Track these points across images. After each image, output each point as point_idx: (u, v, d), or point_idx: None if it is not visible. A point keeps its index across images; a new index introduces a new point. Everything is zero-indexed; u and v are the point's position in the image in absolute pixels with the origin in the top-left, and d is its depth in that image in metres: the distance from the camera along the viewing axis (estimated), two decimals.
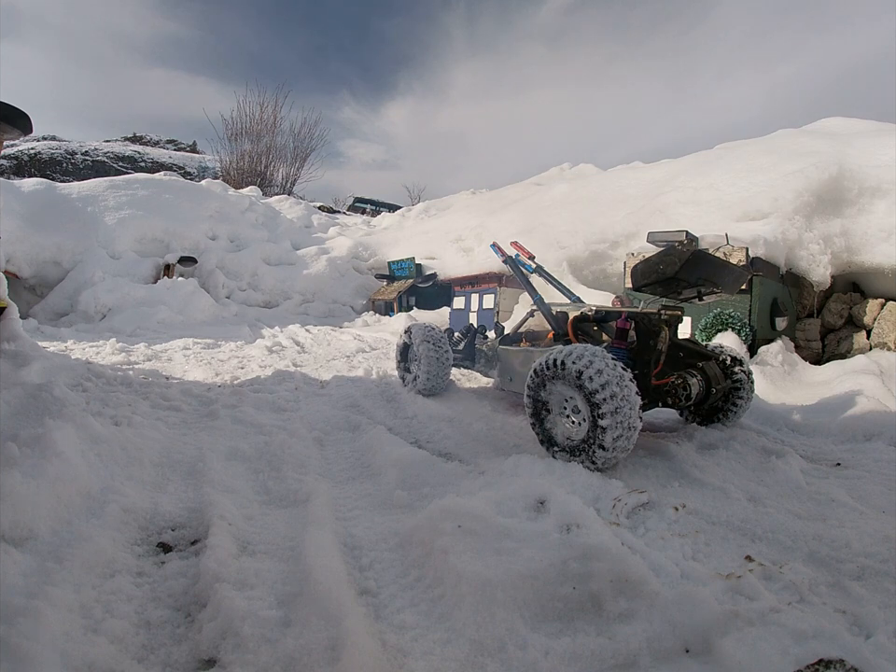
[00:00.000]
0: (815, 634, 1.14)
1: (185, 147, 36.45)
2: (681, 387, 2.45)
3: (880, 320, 5.14)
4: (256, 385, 3.96)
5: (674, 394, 2.45)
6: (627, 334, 2.55)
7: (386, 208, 22.01)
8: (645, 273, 2.44)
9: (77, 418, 2.23)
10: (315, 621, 1.18)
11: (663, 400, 2.50)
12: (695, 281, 2.44)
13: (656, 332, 2.51)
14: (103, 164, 30.02)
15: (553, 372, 2.29)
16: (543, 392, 2.38)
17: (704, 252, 2.36)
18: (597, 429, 2.11)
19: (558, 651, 1.17)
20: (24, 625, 1.07)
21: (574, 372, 2.17)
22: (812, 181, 5.52)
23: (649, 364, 2.49)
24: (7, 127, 3.12)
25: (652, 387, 2.47)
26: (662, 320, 2.54)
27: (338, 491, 2.14)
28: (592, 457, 2.15)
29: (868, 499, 2.07)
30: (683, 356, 2.71)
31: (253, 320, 8.55)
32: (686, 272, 2.29)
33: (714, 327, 4.82)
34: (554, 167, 15.12)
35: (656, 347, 2.50)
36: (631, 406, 2.09)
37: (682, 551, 1.61)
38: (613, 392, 2.07)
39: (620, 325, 2.54)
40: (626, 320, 2.54)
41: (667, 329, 2.55)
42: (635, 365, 2.51)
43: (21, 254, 8.04)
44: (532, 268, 3.83)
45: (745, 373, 2.82)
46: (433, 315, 9.02)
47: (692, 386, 2.48)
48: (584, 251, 7.12)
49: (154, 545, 1.62)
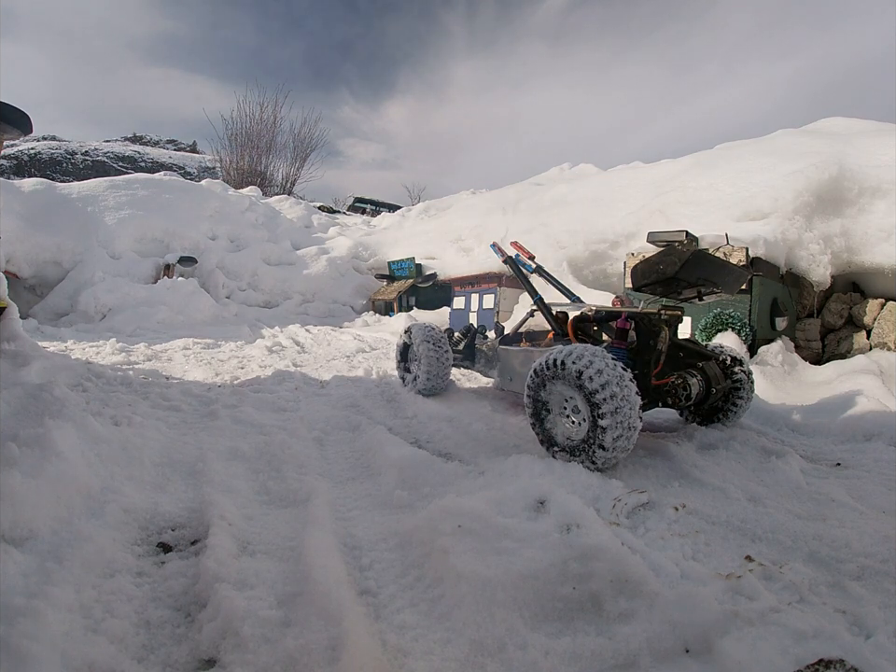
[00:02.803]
0: (815, 634, 1.14)
1: (185, 147, 36.48)
2: (681, 387, 2.46)
3: (880, 320, 5.14)
4: (256, 385, 3.96)
5: (674, 394, 2.45)
6: (627, 334, 2.54)
7: (386, 208, 21.98)
8: (645, 272, 2.44)
9: (76, 418, 2.23)
10: (314, 621, 1.18)
11: (663, 400, 2.50)
12: (695, 281, 2.44)
13: (656, 332, 2.51)
14: (103, 164, 30.01)
15: (552, 372, 2.29)
16: (543, 392, 2.38)
17: (704, 252, 2.36)
18: (597, 429, 2.11)
19: (558, 650, 1.17)
20: (24, 625, 1.07)
21: (574, 372, 2.17)
22: (812, 181, 5.52)
23: (649, 364, 2.49)
24: (7, 127, 3.11)
25: (652, 387, 2.47)
26: (662, 320, 2.54)
27: (338, 491, 2.14)
28: (592, 457, 2.16)
29: (868, 499, 2.07)
30: (683, 356, 2.71)
31: (253, 320, 8.54)
32: (686, 272, 2.29)
33: (714, 327, 4.82)
34: (554, 167, 15.10)
35: (656, 347, 2.50)
36: (631, 406, 2.09)
37: (682, 551, 1.61)
38: (613, 392, 2.07)
39: (620, 325, 2.54)
40: (626, 320, 2.54)
41: (667, 329, 2.55)
42: (635, 365, 2.50)
43: (21, 254, 8.03)
44: (532, 268, 3.83)
45: (745, 373, 2.82)
46: (433, 315, 9.01)
47: (692, 386, 2.48)
48: (584, 251, 7.12)
49: (154, 545, 1.62)
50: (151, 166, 28.81)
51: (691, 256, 2.25)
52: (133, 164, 29.93)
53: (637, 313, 2.58)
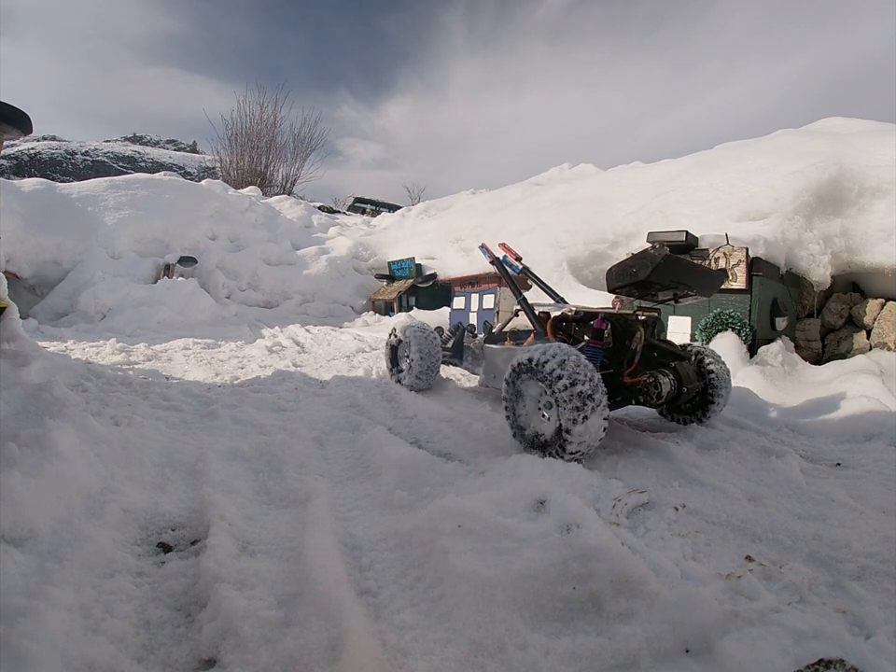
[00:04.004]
0: (815, 634, 1.14)
1: (185, 147, 36.48)
2: (653, 386, 2.54)
3: (880, 320, 5.14)
4: (256, 385, 3.96)
5: (646, 392, 2.53)
6: (603, 334, 2.63)
7: (386, 208, 21.98)
8: (619, 275, 2.52)
9: (76, 418, 2.22)
10: (314, 621, 1.18)
11: (635, 398, 2.58)
12: (668, 284, 2.52)
13: (631, 333, 2.62)
14: (103, 164, 30.01)
15: (527, 369, 2.38)
16: (519, 387, 2.47)
17: (676, 257, 2.47)
18: (565, 425, 2.19)
19: (558, 650, 1.17)
20: (24, 625, 1.07)
21: (546, 370, 2.26)
22: (812, 181, 5.52)
23: (623, 363, 2.58)
24: (6, 127, 3.11)
25: (626, 385, 2.57)
26: (639, 321, 2.62)
27: (338, 491, 2.14)
28: (560, 451, 2.24)
29: (868, 499, 2.07)
30: (658, 355, 2.79)
31: (253, 320, 8.54)
32: (658, 275, 2.37)
33: (714, 327, 4.82)
34: (554, 167, 15.11)
35: (630, 347, 2.59)
36: (597, 404, 2.17)
37: (682, 551, 1.61)
38: (581, 391, 2.16)
39: (596, 325, 2.62)
40: (603, 321, 2.61)
41: (643, 329, 2.64)
42: (611, 364, 2.60)
43: (21, 254, 8.03)
44: (519, 269, 3.89)
45: (721, 371, 2.89)
46: (433, 315, 9.01)
47: (663, 385, 2.57)
48: (584, 251, 7.12)
49: (154, 545, 1.62)
50: (151, 166, 28.83)
51: (662, 260, 2.32)
52: (133, 164, 29.95)
53: (613, 314, 2.67)
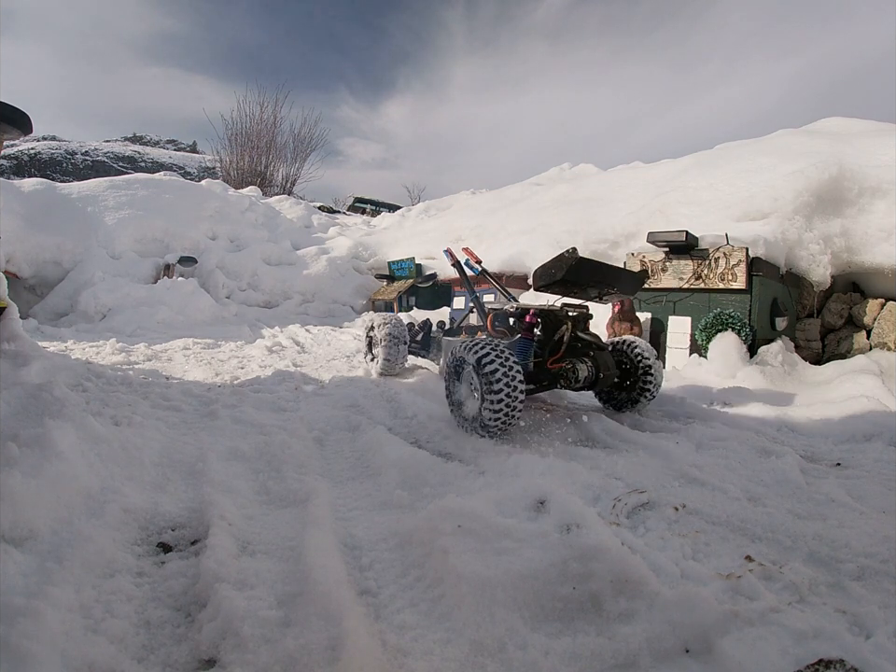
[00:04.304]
0: (815, 634, 1.13)
1: (185, 147, 36.46)
2: (571, 371, 2.91)
3: (880, 320, 5.14)
4: (256, 385, 3.96)
5: (565, 376, 2.92)
6: (534, 327, 3.06)
7: (386, 208, 21.96)
8: (542, 275, 2.84)
9: (76, 418, 2.22)
10: (314, 621, 1.18)
11: (558, 382, 3.00)
12: (586, 283, 2.90)
13: (558, 326, 3.05)
14: (103, 164, 29.98)
15: (461, 356, 2.78)
16: (456, 370, 2.88)
17: (587, 259, 2.77)
18: (484, 404, 2.58)
19: (558, 650, 1.17)
20: (24, 625, 1.07)
21: (473, 358, 2.63)
22: (812, 181, 5.52)
23: (550, 352, 3.03)
24: (6, 127, 3.11)
25: (550, 371, 3.00)
26: (568, 316, 3.04)
27: (338, 491, 2.14)
28: (481, 427, 2.64)
29: (868, 499, 2.07)
30: (581, 346, 3.13)
31: (253, 320, 8.54)
32: (573, 274, 2.69)
33: (714, 327, 4.82)
34: (554, 167, 15.10)
35: (556, 339, 3.03)
36: (512, 388, 2.53)
37: (682, 551, 1.61)
38: (498, 378, 2.52)
39: (527, 320, 3.04)
40: (533, 316, 3.04)
41: (570, 323, 3.02)
42: (542, 353, 3.06)
43: (21, 254, 8.03)
44: (479, 270, 4.48)
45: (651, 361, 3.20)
46: (433, 315, 9.01)
47: (580, 371, 2.91)
48: (584, 251, 7.11)
49: (154, 545, 1.62)
50: (151, 166, 28.82)
51: (574, 262, 2.63)
52: (133, 164, 29.93)
53: (542, 309, 3.09)
